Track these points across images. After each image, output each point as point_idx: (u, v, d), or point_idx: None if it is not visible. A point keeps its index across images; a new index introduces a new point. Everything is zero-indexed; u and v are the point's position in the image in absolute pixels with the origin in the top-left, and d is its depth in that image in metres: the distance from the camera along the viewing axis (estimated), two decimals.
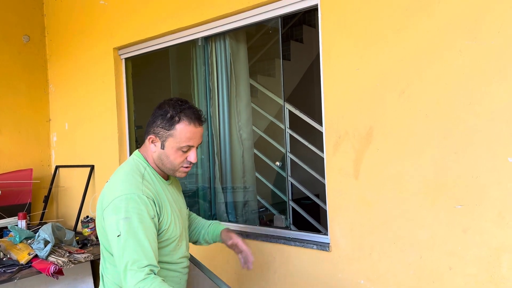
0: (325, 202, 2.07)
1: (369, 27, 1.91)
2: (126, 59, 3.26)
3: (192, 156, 1.53)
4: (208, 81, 2.74)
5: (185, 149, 1.50)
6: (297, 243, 2.17)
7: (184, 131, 1.47)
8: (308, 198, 2.81)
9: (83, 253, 2.80)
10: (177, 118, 1.47)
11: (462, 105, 1.67)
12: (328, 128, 2.06)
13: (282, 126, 3.43)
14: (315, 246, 2.10)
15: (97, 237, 3.26)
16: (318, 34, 2.09)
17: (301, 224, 2.97)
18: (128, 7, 3.05)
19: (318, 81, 2.14)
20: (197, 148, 1.54)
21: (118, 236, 1.39)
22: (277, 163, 2.79)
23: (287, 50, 4.94)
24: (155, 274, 1.38)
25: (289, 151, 3.42)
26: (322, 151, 3.04)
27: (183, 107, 1.48)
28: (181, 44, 2.84)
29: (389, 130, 1.86)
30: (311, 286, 2.13)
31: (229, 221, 2.71)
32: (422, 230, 1.78)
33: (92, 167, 3.45)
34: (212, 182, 2.73)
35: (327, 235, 2.11)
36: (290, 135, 2.66)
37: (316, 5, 2.10)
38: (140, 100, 3.33)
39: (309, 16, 5.00)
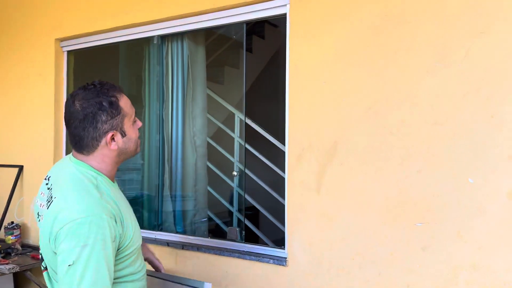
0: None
1: (338, 41, 1.90)
2: (69, 52, 3.00)
3: (138, 121, 1.44)
4: (162, 83, 2.59)
5: (134, 119, 1.41)
6: (253, 257, 2.09)
7: (125, 102, 1.36)
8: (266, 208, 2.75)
9: (7, 263, 2.49)
10: (114, 99, 1.33)
11: (427, 125, 1.70)
12: (291, 139, 2.01)
13: (233, 135, 3.37)
14: (271, 261, 2.04)
15: (22, 246, 2.94)
16: (286, 43, 2.06)
17: (250, 236, 2.91)
18: None
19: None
20: None
21: (69, 265, 1.18)
22: (234, 173, 2.70)
23: (237, 58, 4.90)
24: None
25: (238, 160, 3.36)
26: (274, 162, 3.07)
27: (103, 87, 1.34)
28: (134, 40, 2.66)
29: (353, 145, 1.86)
30: None
31: (177, 232, 2.56)
32: (382, 247, 1.79)
33: (20, 168, 3.12)
34: (160, 190, 2.57)
35: (284, 249, 2.05)
36: (240, 144, 2.59)
37: (285, 14, 2.06)
38: None
39: (258, 27, 5.00)
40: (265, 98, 3.94)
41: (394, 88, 1.77)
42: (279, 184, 4.02)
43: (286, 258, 2.02)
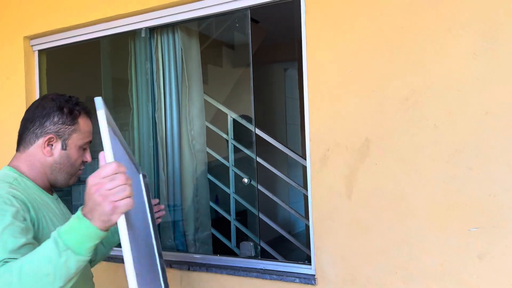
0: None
1: (364, 22, 1.66)
2: (40, 51, 2.65)
3: (87, 155, 1.36)
4: (153, 81, 2.28)
5: (85, 147, 1.34)
6: (274, 276, 1.83)
7: (86, 123, 1.33)
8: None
9: None
10: (77, 112, 1.30)
11: (477, 115, 1.48)
12: (313, 139, 1.76)
13: (226, 137, 3.09)
14: (297, 279, 1.78)
15: None
16: (301, 29, 1.80)
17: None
18: None
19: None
20: None
21: None
22: (245, 180, 2.42)
23: (219, 56, 4.63)
24: None
25: (233, 164, 3.08)
26: (274, 166, 2.81)
27: (74, 101, 1.32)
28: (117, 35, 2.35)
29: (389, 142, 1.62)
30: None
31: (178, 250, 2.26)
32: (430, 257, 1.56)
33: None
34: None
35: (311, 265, 1.80)
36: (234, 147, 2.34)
37: None
38: None
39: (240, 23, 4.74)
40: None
41: (435, 75, 1.55)
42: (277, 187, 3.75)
43: (314, 275, 1.76)
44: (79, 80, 2.96)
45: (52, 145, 1.28)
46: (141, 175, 1.44)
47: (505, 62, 1.44)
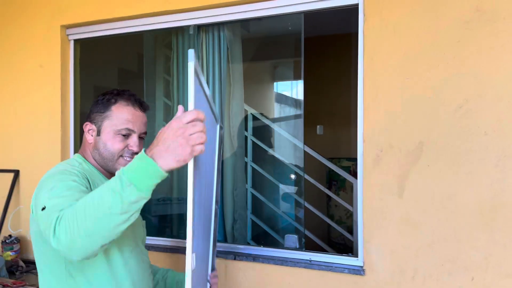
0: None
1: (422, 34, 1.80)
2: (75, 41, 2.65)
3: (132, 142, 1.33)
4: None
5: (124, 133, 1.32)
6: (322, 267, 1.95)
7: (121, 111, 1.33)
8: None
9: (23, 286, 2.14)
10: (113, 100, 1.34)
11: None
12: (367, 140, 1.88)
13: (246, 134, 3.19)
14: (346, 270, 1.90)
15: (25, 262, 2.57)
16: (357, 37, 1.92)
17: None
18: None
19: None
20: (141, 138, 1.36)
21: (42, 209, 1.09)
22: (292, 176, 2.52)
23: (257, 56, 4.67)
24: None
25: (251, 160, 3.18)
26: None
27: (121, 92, 1.37)
28: (163, 30, 2.40)
29: (442, 146, 1.76)
30: None
31: (218, 241, 2.34)
32: (475, 251, 1.72)
33: (16, 173, 2.72)
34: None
35: (357, 257, 1.93)
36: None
37: (357, 4, 1.92)
38: (93, 94, 2.75)
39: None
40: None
41: (488, 86, 1.70)
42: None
43: (362, 267, 1.90)
44: (113, 71, 2.99)
45: (90, 133, 1.35)
46: (218, 126, 1.51)
47: None
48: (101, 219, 0.95)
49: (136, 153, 1.30)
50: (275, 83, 4.86)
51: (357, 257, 1.93)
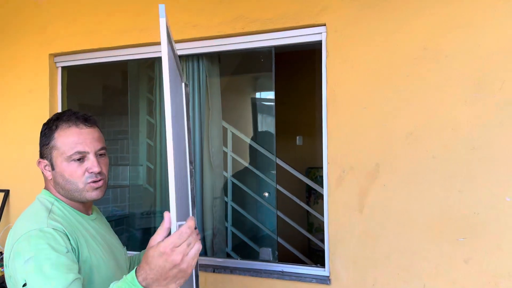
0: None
1: (377, 69, 2.02)
2: (63, 68, 2.82)
3: (90, 163, 1.24)
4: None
5: (76, 157, 1.23)
6: (293, 277, 2.15)
7: (65, 135, 1.23)
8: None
9: None
10: (53, 127, 1.24)
11: (467, 150, 1.88)
12: (331, 162, 2.10)
13: (226, 150, 3.39)
14: (314, 280, 2.11)
15: None
16: (321, 70, 2.14)
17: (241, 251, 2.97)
18: (72, 9, 2.65)
19: None
20: (101, 155, 1.28)
21: (23, 286, 1.05)
22: (266, 194, 2.72)
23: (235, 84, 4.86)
24: None
25: (231, 175, 3.38)
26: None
27: (61, 114, 1.27)
28: (145, 59, 2.58)
29: (395, 167, 1.99)
30: None
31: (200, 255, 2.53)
32: (426, 261, 1.94)
33: (6, 192, 2.87)
34: None
35: (325, 268, 2.14)
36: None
37: (320, 41, 2.14)
38: None
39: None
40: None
41: (434, 115, 1.93)
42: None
43: (328, 276, 2.11)
44: (98, 89, 3.16)
45: (46, 168, 1.27)
46: (183, 84, 1.48)
47: (489, 109, 1.84)
48: None
49: (99, 173, 1.25)
50: (252, 97, 5.07)
51: (324, 267, 2.14)
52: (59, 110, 2.82)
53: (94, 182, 1.25)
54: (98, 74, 3.42)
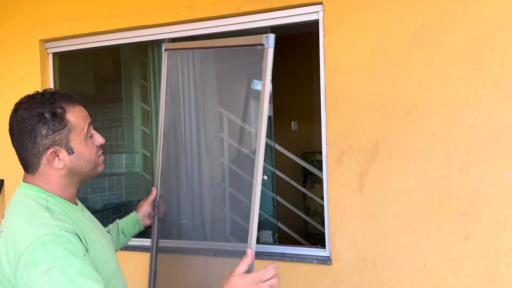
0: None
1: (376, 48, 2.00)
2: (54, 54, 2.77)
3: (97, 137, 1.25)
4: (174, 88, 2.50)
5: (89, 133, 1.23)
6: (294, 259, 2.15)
7: (76, 114, 1.18)
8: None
9: None
10: (59, 110, 1.15)
11: (466, 127, 1.87)
12: (330, 143, 2.08)
13: (222, 135, 3.37)
14: (315, 261, 2.11)
15: None
16: (318, 54, 2.11)
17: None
18: None
19: None
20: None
21: None
22: (265, 177, 2.70)
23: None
24: None
25: (228, 161, 3.36)
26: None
27: (52, 96, 1.17)
28: (139, 43, 2.54)
29: (395, 147, 1.98)
30: None
31: (196, 239, 2.52)
32: (427, 239, 1.94)
33: (1, 182, 2.83)
34: (181, 196, 2.52)
35: (325, 248, 2.14)
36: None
37: (317, 20, 2.11)
38: None
39: None
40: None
41: (433, 93, 1.92)
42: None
43: (329, 257, 2.11)
44: (89, 76, 3.11)
45: (58, 156, 1.17)
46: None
47: (489, 86, 1.83)
48: None
49: (101, 144, 1.25)
50: (248, 82, 5.04)
51: (324, 248, 2.14)
52: None
53: (101, 155, 1.26)
54: (90, 61, 3.37)
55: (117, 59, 3.28)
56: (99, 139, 1.25)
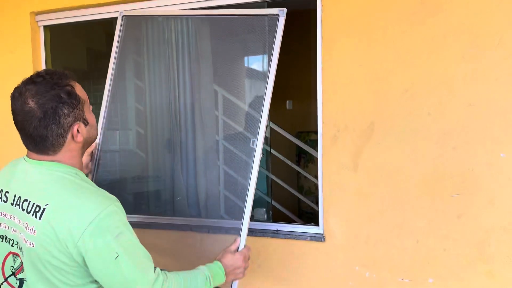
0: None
1: (373, 25, 1.97)
2: (45, 27, 2.70)
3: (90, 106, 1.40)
4: (168, 62, 2.47)
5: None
6: (288, 236, 2.17)
7: (81, 90, 1.32)
8: None
9: None
10: (70, 88, 1.26)
11: (462, 106, 1.87)
12: (326, 122, 2.08)
13: (217, 113, 3.34)
14: (308, 238, 2.13)
15: None
16: (316, 27, 2.08)
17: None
18: None
19: None
20: None
21: (116, 258, 1.20)
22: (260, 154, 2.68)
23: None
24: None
25: (222, 138, 3.35)
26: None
27: (53, 77, 1.25)
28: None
29: (390, 125, 1.98)
30: (302, 275, 2.16)
31: (192, 216, 2.53)
32: (419, 217, 1.96)
33: None
34: (172, 172, 2.52)
35: (318, 225, 2.15)
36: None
37: None
38: None
39: None
40: None
41: (431, 72, 1.90)
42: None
43: (322, 234, 2.12)
44: (82, 52, 3.05)
45: (78, 130, 1.29)
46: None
47: (486, 65, 1.82)
48: None
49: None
50: (245, 59, 4.98)
51: (318, 226, 2.15)
52: None
53: None
54: (83, 36, 3.30)
55: (110, 33, 3.20)
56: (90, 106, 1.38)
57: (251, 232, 2.23)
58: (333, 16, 2.03)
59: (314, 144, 3.51)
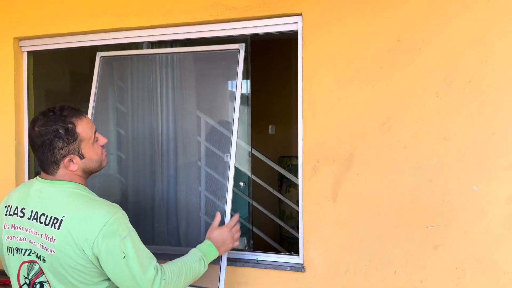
0: None
1: (352, 61, 2.04)
2: (28, 52, 2.70)
3: (101, 139, 1.60)
4: (152, 94, 2.49)
5: (95, 138, 1.56)
6: (268, 266, 2.17)
7: (83, 126, 1.51)
8: None
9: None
10: (71, 126, 1.47)
11: (437, 140, 1.94)
12: (306, 152, 2.11)
13: (199, 139, 3.36)
14: (288, 268, 2.14)
15: None
16: (296, 59, 2.14)
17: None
18: None
19: None
20: None
21: (123, 257, 1.44)
22: (241, 183, 2.71)
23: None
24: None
25: (205, 164, 3.36)
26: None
27: (62, 114, 1.47)
28: (117, 45, 2.51)
29: (368, 157, 2.03)
30: None
31: (171, 245, 2.51)
32: (397, 248, 2.00)
33: None
34: (154, 198, 2.51)
35: (299, 255, 2.16)
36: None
37: (296, 31, 2.14)
38: (44, 98, 2.83)
39: None
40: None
41: (406, 106, 1.97)
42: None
43: (302, 264, 2.14)
44: (66, 82, 3.05)
45: (72, 161, 1.51)
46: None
47: (459, 101, 1.90)
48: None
49: (105, 143, 1.62)
50: (227, 85, 5.03)
51: (298, 255, 2.17)
52: (25, 97, 2.71)
53: (105, 151, 1.63)
54: (66, 59, 3.30)
55: (94, 58, 3.21)
56: (102, 140, 1.60)
57: (231, 261, 2.23)
58: (314, 51, 2.09)
59: (296, 169, 3.54)
